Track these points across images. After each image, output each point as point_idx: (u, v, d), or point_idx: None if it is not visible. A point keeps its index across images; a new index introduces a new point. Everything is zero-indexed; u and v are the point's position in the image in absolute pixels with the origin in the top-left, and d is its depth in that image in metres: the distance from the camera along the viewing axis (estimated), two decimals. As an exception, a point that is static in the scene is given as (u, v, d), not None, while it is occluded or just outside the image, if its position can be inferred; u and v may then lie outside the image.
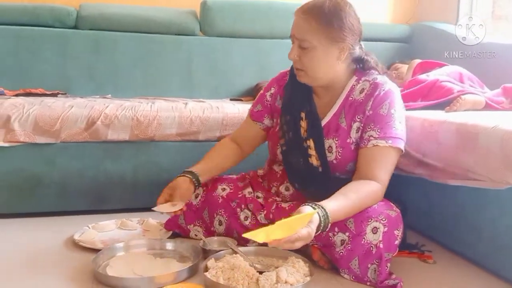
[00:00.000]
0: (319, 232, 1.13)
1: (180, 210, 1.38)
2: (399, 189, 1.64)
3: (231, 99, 2.36)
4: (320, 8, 1.29)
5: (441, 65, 2.04)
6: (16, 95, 2.02)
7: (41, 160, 1.75)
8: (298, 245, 1.07)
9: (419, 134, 1.52)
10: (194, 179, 1.44)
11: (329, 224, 1.14)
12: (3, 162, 1.72)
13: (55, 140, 1.75)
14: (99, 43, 2.32)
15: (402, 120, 1.33)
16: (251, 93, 2.45)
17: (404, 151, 1.33)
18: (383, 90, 1.32)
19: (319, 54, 1.30)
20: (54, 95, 2.11)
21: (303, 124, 1.40)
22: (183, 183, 1.42)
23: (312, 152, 1.37)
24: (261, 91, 1.57)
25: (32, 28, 2.25)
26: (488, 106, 1.70)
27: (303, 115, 1.40)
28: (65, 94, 2.19)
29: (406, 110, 1.71)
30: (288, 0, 2.62)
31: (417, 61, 2.16)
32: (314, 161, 1.38)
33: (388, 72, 1.41)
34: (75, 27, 2.32)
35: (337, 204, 1.17)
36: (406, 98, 1.84)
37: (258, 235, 1.04)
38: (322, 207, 1.14)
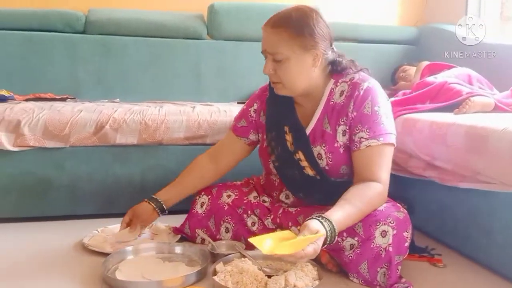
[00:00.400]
0: (326, 245, 1.12)
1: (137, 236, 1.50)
2: (408, 191, 1.63)
3: (238, 102, 2.36)
4: (287, 18, 1.29)
5: (449, 67, 2.03)
6: (26, 100, 2.04)
7: (51, 164, 1.77)
8: (303, 260, 1.09)
9: (427, 137, 1.51)
10: (157, 208, 1.50)
11: (336, 236, 1.13)
12: (13, 166, 1.73)
13: (65, 145, 1.76)
14: (108, 48, 2.34)
15: (388, 115, 1.31)
16: (258, 96, 2.45)
17: (396, 144, 1.31)
18: (362, 89, 1.30)
19: (294, 64, 1.29)
20: (63, 99, 2.13)
21: (288, 137, 1.39)
22: (145, 211, 1.49)
23: (304, 163, 1.37)
24: (244, 107, 1.56)
25: (42, 33, 2.27)
26: (497, 108, 1.68)
27: (286, 128, 1.40)
28: (74, 98, 2.20)
29: (414, 112, 1.71)
30: (295, 3, 2.62)
31: (425, 63, 2.15)
32: (309, 171, 1.37)
33: (364, 69, 1.38)
34: (84, 32, 2.35)
35: (343, 214, 1.16)
36: (414, 100, 1.83)
37: (263, 245, 1.04)
38: (329, 221, 1.12)
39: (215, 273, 1.23)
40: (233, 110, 1.96)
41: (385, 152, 1.28)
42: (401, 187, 1.34)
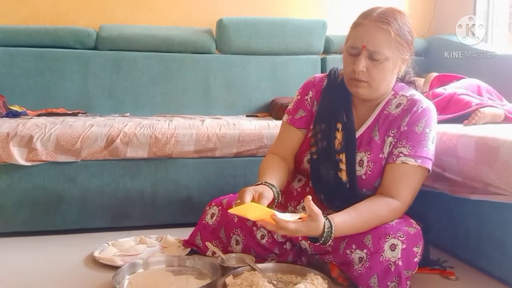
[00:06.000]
0: (320, 243, 1.15)
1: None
2: (420, 203, 1.62)
3: (247, 115, 2.37)
4: (393, 18, 1.25)
5: (458, 78, 2.02)
6: (38, 115, 2.07)
7: (62, 178, 1.79)
8: (279, 232, 1.14)
9: (438, 148, 1.49)
10: (275, 194, 1.24)
11: (332, 237, 1.15)
12: (26, 180, 1.76)
13: (76, 159, 1.78)
14: (118, 63, 2.37)
15: (434, 140, 1.31)
16: (267, 109, 2.47)
17: (431, 171, 1.31)
18: (421, 107, 1.30)
19: (389, 67, 1.26)
20: (74, 114, 2.17)
21: (338, 135, 1.36)
22: (265, 188, 1.22)
23: (343, 166, 1.34)
24: (298, 97, 1.46)
25: (54, 50, 2.32)
26: (507, 119, 1.67)
27: (339, 126, 1.36)
28: (86, 113, 2.24)
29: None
30: (302, 17, 2.65)
31: (434, 74, 2.14)
32: (343, 176, 1.34)
33: (424, 92, 1.39)
34: (95, 48, 2.39)
35: (345, 220, 1.18)
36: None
37: (246, 211, 1.12)
38: (330, 221, 1.15)
39: (224, 286, 1.23)
40: (242, 123, 1.97)
41: (417, 174, 1.28)
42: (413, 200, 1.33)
